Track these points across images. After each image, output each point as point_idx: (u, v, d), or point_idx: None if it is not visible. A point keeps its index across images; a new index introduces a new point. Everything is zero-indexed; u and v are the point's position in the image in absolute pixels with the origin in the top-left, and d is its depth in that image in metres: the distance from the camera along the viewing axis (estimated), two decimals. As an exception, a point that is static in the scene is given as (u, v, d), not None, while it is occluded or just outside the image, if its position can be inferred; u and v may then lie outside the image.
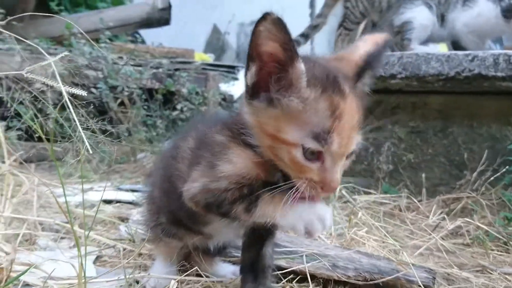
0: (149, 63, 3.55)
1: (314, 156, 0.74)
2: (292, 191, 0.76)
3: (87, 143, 0.93)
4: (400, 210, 1.83)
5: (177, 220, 1.03)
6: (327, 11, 3.34)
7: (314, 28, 3.33)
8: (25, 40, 1.28)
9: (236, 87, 3.93)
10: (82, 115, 1.00)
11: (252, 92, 0.77)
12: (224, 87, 3.93)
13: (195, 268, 1.09)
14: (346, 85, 0.76)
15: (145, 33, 5.21)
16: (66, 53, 1.07)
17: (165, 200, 1.04)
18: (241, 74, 4.11)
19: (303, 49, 3.42)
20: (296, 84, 0.73)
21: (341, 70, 0.80)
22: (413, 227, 1.58)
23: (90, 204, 1.81)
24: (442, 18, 2.53)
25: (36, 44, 1.22)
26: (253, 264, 0.94)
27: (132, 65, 3.39)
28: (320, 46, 5.13)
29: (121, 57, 3.44)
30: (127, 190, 2.07)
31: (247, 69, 0.76)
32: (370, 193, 1.97)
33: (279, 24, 0.69)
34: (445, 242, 1.50)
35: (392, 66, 2.11)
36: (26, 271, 0.87)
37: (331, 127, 0.72)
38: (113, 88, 3.15)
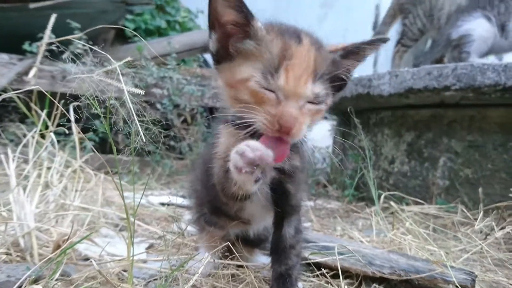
0: (211, 83, 3.78)
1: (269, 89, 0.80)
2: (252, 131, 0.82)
3: (141, 133, 1.05)
4: (453, 224, 1.76)
5: (217, 208, 1.12)
6: (385, 29, 3.36)
7: (371, 46, 3.35)
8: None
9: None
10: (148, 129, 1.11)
11: (217, 58, 0.88)
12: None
13: (234, 255, 1.15)
14: (307, 38, 0.83)
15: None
16: (129, 58, 1.23)
17: (205, 191, 1.14)
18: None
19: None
20: (255, 34, 0.83)
21: (316, 37, 0.87)
22: (463, 237, 1.52)
23: (149, 205, 1.97)
24: (502, 28, 2.45)
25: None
26: (277, 245, 0.99)
27: (195, 85, 3.62)
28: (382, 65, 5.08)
29: (186, 79, 3.69)
30: (181, 196, 2.22)
31: (210, 37, 0.87)
32: (421, 204, 1.92)
33: None
34: (500, 253, 1.43)
35: (446, 77, 2.07)
36: (81, 240, 1.00)
37: (279, 62, 0.79)
38: (176, 106, 3.39)
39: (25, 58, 3.03)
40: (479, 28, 2.46)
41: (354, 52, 0.89)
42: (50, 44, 1.54)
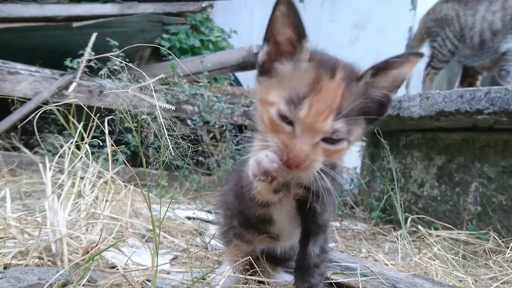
0: (241, 102, 3.84)
1: (288, 121, 0.81)
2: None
3: (170, 148, 1.09)
4: (484, 251, 1.70)
5: (247, 221, 1.13)
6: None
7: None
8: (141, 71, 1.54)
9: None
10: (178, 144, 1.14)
11: (262, 69, 0.89)
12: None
13: (255, 269, 1.16)
14: (341, 72, 0.82)
15: (244, 77, 5.57)
16: (163, 75, 1.28)
17: (236, 201, 1.16)
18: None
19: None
20: (300, 56, 0.84)
21: (354, 70, 0.87)
22: (494, 265, 1.47)
23: (175, 218, 2.00)
24: None
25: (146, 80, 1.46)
26: (301, 263, 0.99)
27: (225, 102, 3.69)
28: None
29: (216, 96, 3.78)
30: (206, 211, 2.25)
31: (261, 48, 0.88)
32: (451, 229, 1.87)
33: (292, 6, 0.81)
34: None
35: (479, 101, 2.03)
36: (108, 248, 1.03)
37: (305, 94, 0.80)
38: (206, 123, 3.46)
39: (66, 74, 3.19)
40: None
41: (384, 68, 0.85)
42: (90, 60, 1.62)
